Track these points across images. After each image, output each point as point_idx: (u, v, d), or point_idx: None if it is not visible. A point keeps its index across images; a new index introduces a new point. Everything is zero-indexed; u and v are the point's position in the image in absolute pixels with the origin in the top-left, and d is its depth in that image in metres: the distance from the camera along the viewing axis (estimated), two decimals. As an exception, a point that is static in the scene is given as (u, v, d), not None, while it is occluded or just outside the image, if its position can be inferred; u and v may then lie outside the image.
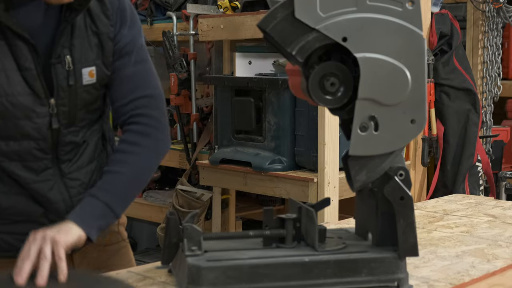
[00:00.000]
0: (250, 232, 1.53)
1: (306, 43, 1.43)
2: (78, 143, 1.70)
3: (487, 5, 3.93)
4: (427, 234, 1.93)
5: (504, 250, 1.76)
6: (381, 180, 1.48)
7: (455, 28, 3.91)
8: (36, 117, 1.61)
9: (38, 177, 1.64)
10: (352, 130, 1.45)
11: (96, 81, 1.70)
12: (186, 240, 1.43)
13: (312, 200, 3.11)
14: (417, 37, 1.44)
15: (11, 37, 1.56)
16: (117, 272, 1.60)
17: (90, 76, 1.68)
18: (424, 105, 1.47)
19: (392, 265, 1.45)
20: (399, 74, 1.44)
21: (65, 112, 1.65)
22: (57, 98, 1.62)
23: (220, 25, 3.60)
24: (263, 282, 1.40)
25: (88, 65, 1.67)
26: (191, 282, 1.38)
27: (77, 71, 1.64)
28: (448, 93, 3.85)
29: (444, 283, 1.51)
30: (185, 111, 4.00)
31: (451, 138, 3.83)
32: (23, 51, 1.57)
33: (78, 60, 1.64)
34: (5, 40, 1.55)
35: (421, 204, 2.36)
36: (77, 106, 1.66)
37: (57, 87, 1.62)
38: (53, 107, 1.62)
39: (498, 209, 2.27)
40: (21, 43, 1.57)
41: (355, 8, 1.42)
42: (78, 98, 1.66)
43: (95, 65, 1.68)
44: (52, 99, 1.62)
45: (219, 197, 3.89)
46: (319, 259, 1.43)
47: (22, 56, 1.57)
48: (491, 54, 4.02)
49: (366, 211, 1.55)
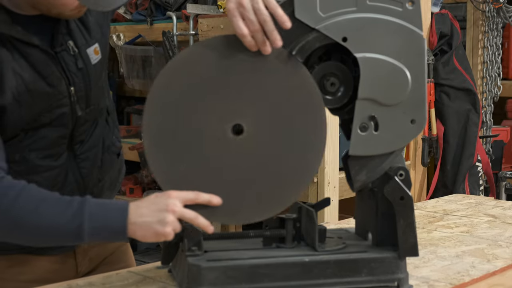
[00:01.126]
0: (250, 232, 1.53)
1: (306, 43, 1.43)
2: (90, 123, 1.71)
3: (487, 5, 3.93)
4: (427, 234, 1.93)
5: (504, 250, 1.76)
6: (381, 180, 1.48)
7: (455, 28, 3.91)
8: (60, 108, 1.61)
9: (56, 162, 1.64)
10: (352, 130, 1.45)
11: (101, 57, 1.71)
12: (186, 240, 1.43)
13: (312, 200, 3.11)
14: (417, 37, 1.44)
15: (23, 48, 1.54)
16: (117, 272, 1.60)
17: (95, 54, 1.68)
18: (424, 105, 1.47)
19: (392, 265, 1.45)
20: (399, 74, 1.44)
21: (82, 96, 1.65)
22: (73, 85, 1.63)
23: (220, 25, 3.60)
24: (263, 282, 1.40)
25: (91, 44, 1.67)
26: (191, 282, 1.38)
27: (82, 53, 1.65)
28: (448, 93, 3.85)
29: (444, 283, 1.51)
30: (185, 111, 4.00)
31: (451, 138, 3.83)
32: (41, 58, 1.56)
33: (80, 42, 1.65)
34: (20, 54, 1.54)
35: (421, 204, 2.36)
36: (90, 87, 1.67)
37: (70, 74, 1.62)
38: (73, 95, 1.63)
39: (498, 209, 2.27)
40: (36, 51, 1.56)
41: (355, 8, 1.42)
42: (91, 79, 1.67)
43: (97, 42, 1.69)
44: (71, 88, 1.62)
45: (219, 197, 3.88)
46: (319, 259, 1.43)
47: (39, 64, 1.57)
48: (491, 54, 4.02)
49: (366, 211, 1.55)
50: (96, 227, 1.41)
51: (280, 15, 1.39)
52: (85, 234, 1.40)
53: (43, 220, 1.41)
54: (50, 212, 1.41)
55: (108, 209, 1.43)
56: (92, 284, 1.50)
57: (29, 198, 1.42)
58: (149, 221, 1.40)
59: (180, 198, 1.41)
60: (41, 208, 1.41)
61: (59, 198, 1.44)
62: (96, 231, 1.41)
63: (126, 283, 1.50)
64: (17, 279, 1.66)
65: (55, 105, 1.59)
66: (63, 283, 1.52)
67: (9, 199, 1.41)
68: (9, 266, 1.66)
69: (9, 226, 1.42)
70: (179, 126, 1.42)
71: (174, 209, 1.40)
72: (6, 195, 1.41)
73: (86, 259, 1.78)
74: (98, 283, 1.50)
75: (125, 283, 1.50)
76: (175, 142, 1.42)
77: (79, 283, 1.51)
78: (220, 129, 1.42)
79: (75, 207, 1.41)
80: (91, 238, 1.42)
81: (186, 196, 1.41)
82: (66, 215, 1.40)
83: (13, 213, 1.40)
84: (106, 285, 1.49)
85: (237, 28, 1.39)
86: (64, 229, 1.41)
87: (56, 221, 1.41)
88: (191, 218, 1.41)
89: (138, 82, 4.99)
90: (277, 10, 1.39)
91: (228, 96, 1.42)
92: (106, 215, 1.42)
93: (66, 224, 1.40)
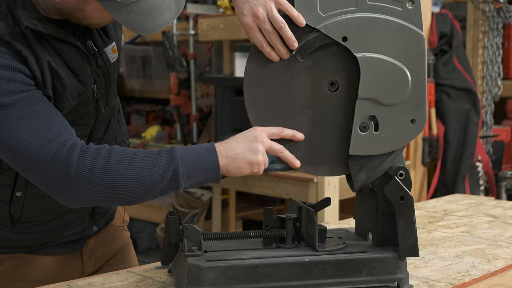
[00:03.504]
0: (250, 232, 1.53)
1: (306, 42, 1.43)
2: (106, 121, 1.72)
3: (487, 5, 3.93)
4: (428, 234, 1.93)
5: (504, 250, 1.76)
6: (381, 180, 1.48)
7: (455, 28, 3.91)
8: (86, 106, 1.61)
9: None
10: (352, 130, 1.45)
11: (118, 55, 1.72)
12: (186, 240, 1.43)
13: (312, 200, 3.11)
14: (417, 37, 1.44)
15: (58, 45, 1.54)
16: (117, 272, 1.60)
17: (113, 52, 1.69)
18: (424, 105, 1.47)
19: (392, 265, 1.45)
20: (399, 74, 1.44)
21: (103, 94, 1.66)
22: (95, 83, 1.63)
23: (220, 25, 3.60)
24: (263, 282, 1.39)
25: (109, 43, 1.68)
26: (191, 282, 1.38)
27: (101, 52, 1.65)
28: (448, 93, 3.85)
29: (444, 283, 1.51)
30: (185, 111, 4.00)
31: (452, 138, 3.84)
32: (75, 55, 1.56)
33: (98, 41, 1.65)
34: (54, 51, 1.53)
35: (421, 204, 2.36)
36: (110, 85, 1.68)
37: (92, 73, 1.62)
38: (96, 93, 1.64)
39: (498, 209, 2.27)
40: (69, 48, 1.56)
41: (355, 8, 1.42)
42: (110, 77, 1.68)
43: (114, 40, 1.70)
44: (94, 85, 1.63)
45: (219, 197, 3.89)
46: (319, 259, 1.43)
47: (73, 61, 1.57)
48: (491, 54, 4.02)
49: (366, 211, 1.55)
50: (190, 168, 1.41)
51: (295, 16, 1.44)
52: (181, 177, 1.41)
53: (140, 171, 1.41)
54: (144, 163, 1.41)
55: (197, 151, 1.44)
56: (92, 284, 1.50)
57: (120, 156, 1.42)
58: (240, 152, 1.44)
59: (266, 132, 1.46)
60: (135, 162, 1.41)
61: (147, 151, 1.45)
62: (191, 173, 1.42)
63: (126, 283, 1.50)
64: (24, 279, 1.66)
65: (83, 103, 1.59)
66: (63, 283, 1.52)
67: (103, 159, 1.40)
68: (16, 266, 1.66)
69: (110, 184, 1.40)
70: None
71: (263, 140, 1.44)
72: (98, 156, 1.40)
73: (92, 260, 1.78)
74: (98, 283, 1.50)
75: (125, 283, 1.50)
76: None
77: (79, 283, 1.51)
78: (317, 87, 1.48)
79: (166, 155, 1.42)
80: (188, 182, 1.42)
81: (271, 130, 1.46)
82: (159, 164, 1.41)
83: (111, 171, 1.40)
84: (106, 285, 1.49)
85: (256, 40, 1.46)
86: (161, 177, 1.41)
87: (152, 170, 1.41)
88: (279, 149, 1.46)
89: (138, 82, 4.99)
90: (292, 12, 1.44)
91: None
92: (197, 155, 1.43)
93: (162, 172, 1.41)
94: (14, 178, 1.57)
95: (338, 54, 1.45)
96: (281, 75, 1.46)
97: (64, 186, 1.39)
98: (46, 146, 1.39)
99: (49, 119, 1.43)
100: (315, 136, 1.49)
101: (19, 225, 1.63)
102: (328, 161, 1.50)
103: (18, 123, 1.40)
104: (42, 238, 1.67)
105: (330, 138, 1.49)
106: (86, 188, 1.39)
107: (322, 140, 1.49)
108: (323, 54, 1.45)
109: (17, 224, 1.63)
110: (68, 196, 1.41)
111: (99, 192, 1.40)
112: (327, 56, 1.46)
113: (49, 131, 1.41)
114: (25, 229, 1.64)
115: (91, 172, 1.39)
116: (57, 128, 1.42)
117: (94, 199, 1.42)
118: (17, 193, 1.59)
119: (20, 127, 1.40)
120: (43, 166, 1.39)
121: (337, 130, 1.49)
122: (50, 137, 1.40)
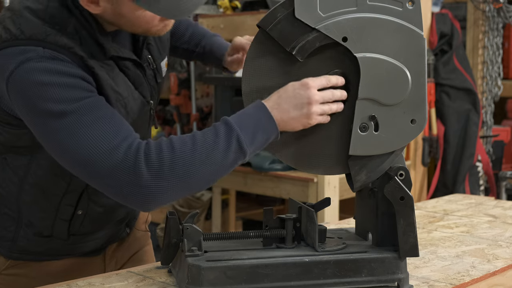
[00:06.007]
0: (250, 232, 1.53)
1: (306, 42, 1.43)
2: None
3: (487, 5, 3.93)
4: (427, 234, 1.93)
5: (504, 250, 1.76)
6: (381, 180, 1.48)
7: (455, 28, 3.91)
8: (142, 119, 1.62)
9: None
10: (352, 130, 1.45)
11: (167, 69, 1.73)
12: (186, 240, 1.43)
13: (312, 200, 3.11)
14: (417, 37, 1.44)
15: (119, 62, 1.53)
16: (117, 272, 1.60)
17: (165, 67, 1.70)
18: (425, 105, 1.47)
19: (392, 265, 1.45)
20: (399, 74, 1.44)
21: (154, 108, 1.67)
22: (152, 98, 1.64)
23: (220, 25, 3.60)
24: (263, 282, 1.39)
25: (163, 57, 1.69)
26: (191, 282, 1.38)
27: (158, 66, 1.66)
28: (448, 93, 3.86)
29: (444, 283, 1.51)
30: (185, 111, 4.00)
31: (452, 138, 3.84)
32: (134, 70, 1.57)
33: (157, 56, 1.66)
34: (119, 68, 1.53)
35: (421, 204, 2.36)
36: (158, 99, 1.69)
37: (150, 88, 1.63)
38: (152, 107, 1.64)
39: (498, 209, 2.27)
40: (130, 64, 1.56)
41: (355, 8, 1.42)
42: (160, 91, 1.69)
43: (166, 55, 1.71)
44: (151, 100, 1.63)
45: (219, 197, 3.89)
46: (319, 259, 1.43)
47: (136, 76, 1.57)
48: (491, 54, 4.03)
49: (366, 211, 1.55)
50: (248, 132, 1.40)
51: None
52: (245, 144, 1.39)
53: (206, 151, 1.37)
54: (206, 141, 1.38)
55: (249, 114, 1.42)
56: (92, 284, 1.50)
57: (181, 142, 1.38)
58: (295, 116, 1.43)
59: (316, 87, 1.43)
60: (197, 143, 1.38)
61: (202, 131, 1.42)
62: (252, 137, 1.40)
63: (126, 283, 1.50)
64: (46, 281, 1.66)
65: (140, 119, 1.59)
66: (63, 283, 1.52)
67: (167, 150, 1.36)
68: (39, 266, 1.67)
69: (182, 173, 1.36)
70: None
71: (316, 99, 1.43)
72: (161, 150, 1.37)
73: (113, 261, 1.79)
74: (98, 283, 1.50)
75: (125, 283, 1.50)
76: None
77: (79, 283, 1.51)
78: None
79: (221, 128, 1.40)
80: (251, 147, 1.41)
81: (320, 82, 1.44)
82: (221, 138, 1.39)
83: (179, 159, 1.36)
84: (105, 285, 1.49)
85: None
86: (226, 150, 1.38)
87: (216, 146, 1.38)
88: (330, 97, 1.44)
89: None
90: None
91: None
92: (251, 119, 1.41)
93: (226, 145, 1.38)
94: (77, 198, 1.58)
95: (338, 54, 1.45)
96: (281, 76, 1.46)
97: (138, 189, 1.35)
98: (114, 151, 1.35)
99: (115, 124, 1.39)
100: (315, 136, 1.49)
101: (73, 237, 1.65)
102: (328, 161, 1.50)
103: (83, 130, 1.36)
104: (90, 246, 1.70)
105: (330, 138, 1.49)
106: (161, 185, 1.35)
107: (322, 140, 1.49)
108: (323, 54, 1.45)
109: (71, 237, 1.64)
110: (144, 200, 1.36)
111: (174, 186, 1.36)
112: (327, 56, 1.46)
113: (116, 136, 1.37)
114: (78, 240, 1.67)
115: (160, 167, 1.35)
116: (123, 132, 1.39)
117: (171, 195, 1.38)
118: (79, 211, 1.59)
119: (85, 134, 1.36)
120: (113, 172, 1.35)
121: (337, 130, 1.49)
122: (118, 141, 1.36)
